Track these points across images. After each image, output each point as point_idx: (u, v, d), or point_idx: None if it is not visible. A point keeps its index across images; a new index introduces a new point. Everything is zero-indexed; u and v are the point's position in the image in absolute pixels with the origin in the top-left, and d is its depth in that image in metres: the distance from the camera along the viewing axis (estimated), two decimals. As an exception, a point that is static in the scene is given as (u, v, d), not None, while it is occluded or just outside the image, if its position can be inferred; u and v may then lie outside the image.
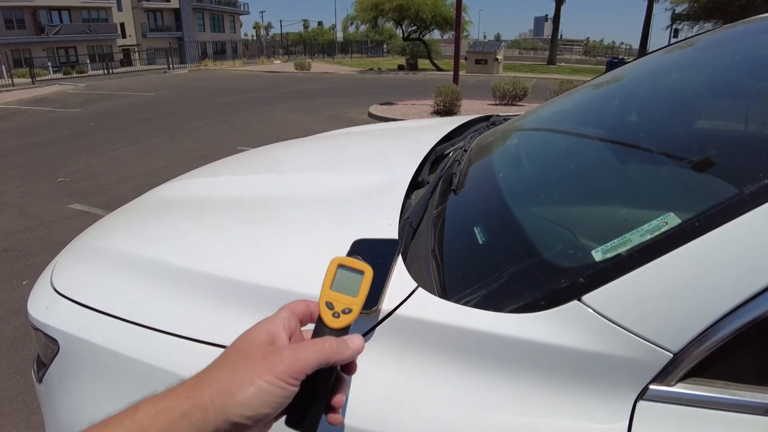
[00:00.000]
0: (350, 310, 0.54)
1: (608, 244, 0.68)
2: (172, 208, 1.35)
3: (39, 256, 3.91)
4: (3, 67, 22.84)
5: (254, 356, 0.48)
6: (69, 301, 1.04)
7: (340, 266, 0.58)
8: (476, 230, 0.88)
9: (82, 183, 5.96)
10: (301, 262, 0.90)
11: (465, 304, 0.70)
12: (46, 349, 1.06)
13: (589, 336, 0.61)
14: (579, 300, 0.62)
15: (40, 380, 1.09)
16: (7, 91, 18.89)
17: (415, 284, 0.74)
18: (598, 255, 0.67)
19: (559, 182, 1.01)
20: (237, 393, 0.45)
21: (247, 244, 1.03)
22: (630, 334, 0.59)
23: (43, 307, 1.07)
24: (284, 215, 1.13)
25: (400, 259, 0.80)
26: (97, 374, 0.92)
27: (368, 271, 0.57)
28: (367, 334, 0.71)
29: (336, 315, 0.54)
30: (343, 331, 0.54)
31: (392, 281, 0.75)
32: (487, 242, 0.84)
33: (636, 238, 0.66)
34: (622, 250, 0.65)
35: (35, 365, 1.16)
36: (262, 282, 0.86)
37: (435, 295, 0.73)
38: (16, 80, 22.72)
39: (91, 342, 0.93)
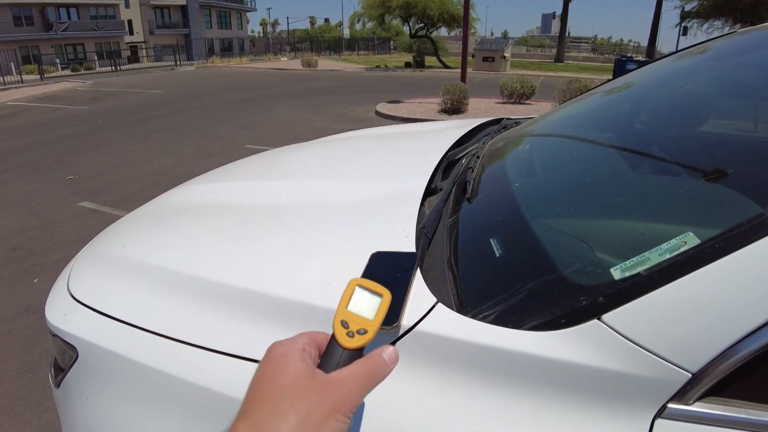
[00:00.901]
0: (365, 331, 0.53)
1: (627, 262, 0.68)
2: (186, 215, 1.37)
3: (48, 255, 3.94)
4: (12, 64, 22.99)
5: (309, 394, 0.45)
6: (87, 309, 1.05)
7: (359, 287, 0.57)
8: (492, 242, 0.88)
9: (90, 181, 5.99)
10: (318, 274, 0.90)
11: (483, 319, 0.71)
12: (63, 355, 1.07)
13: (608, 355, 0.62)
14: (599, 319, 0.63)
15: (57, 385, 1.11)
16: (15, 88, 19.02)
17: (435, 299, 0.75)
18: (617, 273, 0.67)
19: (576, 194, 1.00)
20: None
21: (263, 254, 1.04)
22: (649, 354, 0.60)
23: (61, 314, 1.09)
24: (300, 224, 1.13)
25: (419, 275, 0.80)
26: (115, 382, 0.94)
27: (387, 295, 0.57)
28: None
29: (350, 335, 0.53)
30: (356, 352, 0.52)
31: (411, 296, 0.75)
32: (503, 255, 0.85)
33: (655, 257, 0.66)
34: (641, 269, 0.66)
35: (52, 369, 1.17)
36: (279, 293, 0.87)
37: (453, 310, 0.74)
38: (25, 77, 22.86)
39: (110, 350, 0.94)
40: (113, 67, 30.37)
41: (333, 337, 0.53)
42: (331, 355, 0.52)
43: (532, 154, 1.34)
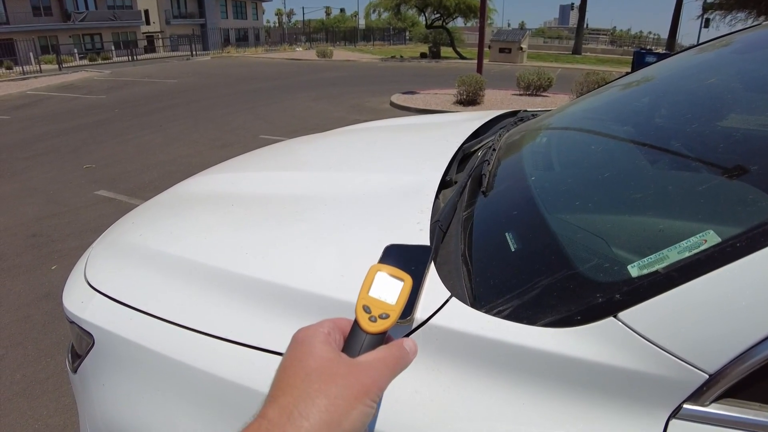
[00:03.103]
0: (387, 316, 0.54)
1: (645, 259, 0.67)
2: (203, 205, 1.37)
3: (66, 242, 4.00)
4: (31, 54, 23.28)
5: (337, 378, 0.45)
6: (103, 297, 1.06)
7: (380, 272, 0.58)
8: (508, 237, 0.88)
9: (107, 170, 6.07)
10: (334, 266, 0.90)
11: (497, 314, 0.70)
12: (80, 342, 1.09)
13: (624, 354, 0.61)
14: (615, 317, 0.62)
15: (74, 371, 1.12)
16: (35, 77, 19.27)
17: (449, 293, 0.74)
18: (634, 270, 0.66)
19: (593, 189, 0.99)
20: (342, 422, 0.42)
21: (278, 244, 1.04)
22: (666, 353, 0.59)
23: (78, 301, 1.10)
24: (315, 215, 1.14)
25: (433, 269, 0.80)
26: (131, 370, 0.95)
27: (408, 280, 0.57)
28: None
29: (373, 319, 0.53)
30: (379, 337, 0.53)
31: (425, 289, 0.75)
32: (519, 250, 0.84)
33: (674, 254, 0.65)
34: (659, 266, 0.65)
35: (69, 356, 1.19)
36: (293, 285, 0.87)
37: (467, 304, 0.73)
38: (44, 66, 23.15)
39: (126, 338, 0.95)
40: (130, 57, 30.59)
41: (356, 321, 0.53)
42: (354, 339, 0.52)
43: (550, 148, 1.33)
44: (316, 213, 1.15)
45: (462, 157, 1.42)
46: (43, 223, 4.41)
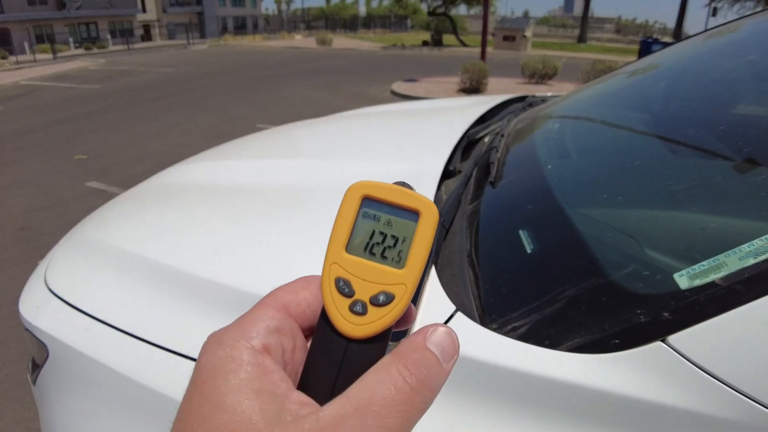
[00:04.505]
0: (391, 297, 0.26)
1: (696, 266, 0.54)
2: (182, 197, 1.24)
3: (56, 236, 3.87)
4: (25, 43, 23.02)
5: None
6: (61, 302, 0.94)
7: (367, 200, 0.28)
8: (522, 235, 0.74)
9: (100, 161, 5.93)
10: (318, 270, 0.77)
11: (511, 334, 0.57)
12: (38, 351, 0.97)
13: (675, 389, 0.48)
14: (663, 341, 0.49)
15: (34, 382, 1.01)
16: (29, 67, 19.04)
17: (453, 307, 0.61)
18: (683, 281, 0.53)
19: (622, 180, 0.85)
20: None
21: (265, 245, 0.91)
22: (732, 391, 0.46)
23: (34, 306, 0.98)
24: (302, 209, 1.01)
25: (434, 272, 0.67)
26: (86, 388, 0.83)
27: (428, 212, 0.27)
28: None
29: (357, 308, 0.26)
30: (376, 344, 0.27)
31: (424, 301, 0.62)
32: (536, 252, 0.70)
33: (733, 261, 0.52)
34: (715, 276, 0.51)
35: (30, 365, 1.07)
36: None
37: (475, 321, 0.60)
38: (38, 56, 22.88)
39: (81, 352, 0.83)
40: (126, 46, 30.29)
41: (323, 314, 0.27)
42: (322, 354, 0.27)
43: (567, 134, 1.18)
44: (306, 207, 1.02)
45: (467, 144, 1.27)
46: (33, 216, 4.29)
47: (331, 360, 0.26)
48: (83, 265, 1.04)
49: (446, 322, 0.60)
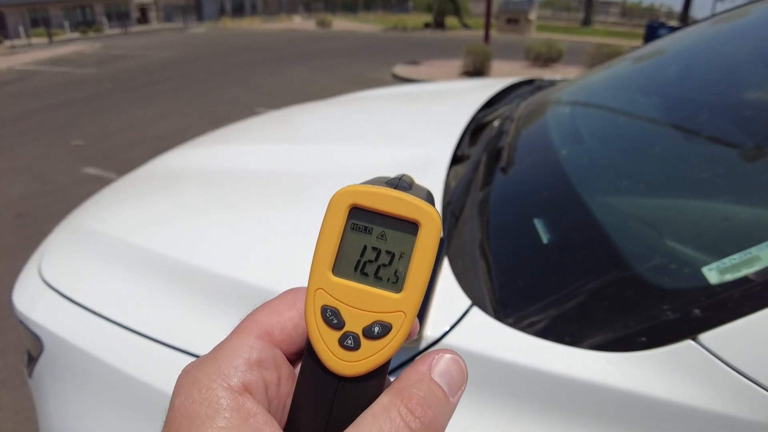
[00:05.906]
0: (388, 328, 0.23)
1: (726, 260, 0.50)
2: (180, 184, 1.20)
3: (52, 222, 3.81)
4: (21, 27, 22.73)
5: None
6: (56, 294, 0.91)
7: (356, 210, 0.24)
8: (537, 224, 0.71)
9: (96, 146, 5.87)
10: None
11: (529, 330, 0.54)
12: (33, 344, 0.94)
13: (706, 391, 0.45)
14: (694, 340, 0.46)
15: (30, 375, 0.98)
16: (24, 51, 18.82)
17: (469, 302, 0.58)
18: (713, 275, 0.50)
19: (643, 166, 0.81)
20: None
21: (261, 233, 0.87)
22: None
23: (28, 298, 0.95)
24: (304, 196, 0.97)
25: (447, 263, 0.63)
26: (82, 382, 0.80)
27: (428, 222, 0.23)
28: (399, 369, 0.56)
29: (349, 342, 0.23)
30: (371, 378, 0.23)
31: (437, 295, 0.58)
32: (553, 242, 0.67)
33: (767, 255, 0.48)
34: (748, 270, 0.48)
35: (26, 357, 1.04)
36: (275, 286, 0.71)
37: (490, 315, 0.57)
38: (34, 40, 22.62)
39: (77, 346, 0.80)
40: (122, 29, 29.95)
41: (309, 347, 0.24)
42: (310, 393, 0.24)
43: (582, 119, 1.13)
44: (303, 194, 0.98)
45: (475, 129, 1.23)
46: (29, 203, 4.25)
47: (321, 400, 0.23)
48: (78, 256, 1.01)
49: (461, 317, 0.56)
